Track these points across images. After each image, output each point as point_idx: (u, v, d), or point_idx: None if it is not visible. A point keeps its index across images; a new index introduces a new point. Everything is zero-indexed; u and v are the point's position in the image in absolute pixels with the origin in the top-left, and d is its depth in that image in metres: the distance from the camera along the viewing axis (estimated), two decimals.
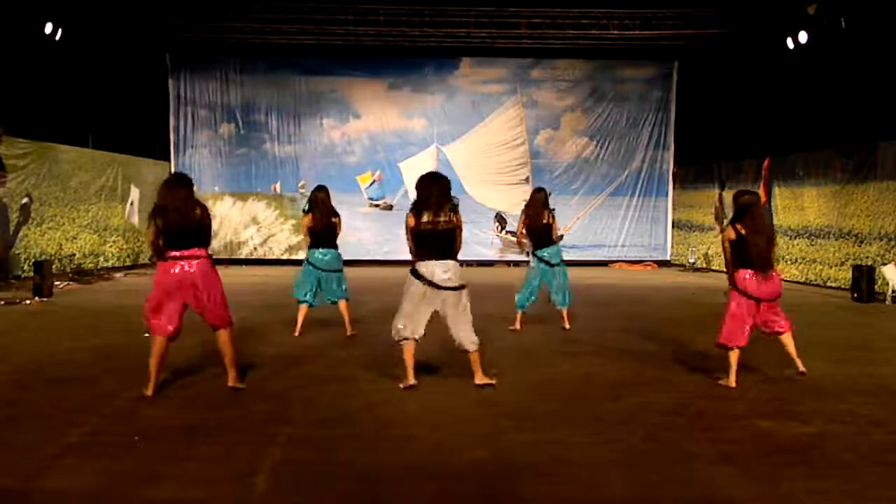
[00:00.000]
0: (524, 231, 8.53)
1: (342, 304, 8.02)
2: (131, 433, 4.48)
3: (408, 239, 5.68)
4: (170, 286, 5.31)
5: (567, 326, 8.53)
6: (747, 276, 5.87)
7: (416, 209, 5.60)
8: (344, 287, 8.03)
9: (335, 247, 7.93)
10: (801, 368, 6.06)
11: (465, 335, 5.65)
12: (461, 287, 5.62)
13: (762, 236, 5.91)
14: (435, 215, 5.52)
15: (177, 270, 5.29)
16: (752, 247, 5.85)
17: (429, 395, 5.47)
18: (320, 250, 7.83)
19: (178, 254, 5.30)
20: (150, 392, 5.31)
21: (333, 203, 7.92)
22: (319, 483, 3.80)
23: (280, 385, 5.76)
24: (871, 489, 3.77)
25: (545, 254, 8.45)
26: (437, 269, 5.52)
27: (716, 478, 3.90)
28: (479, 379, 5.71)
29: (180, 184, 5.46)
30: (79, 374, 6.05)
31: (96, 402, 5.18)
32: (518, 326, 8.43)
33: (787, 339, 6.11)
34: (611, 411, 5.13)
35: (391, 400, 5.35)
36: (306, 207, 7.98)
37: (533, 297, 8.56)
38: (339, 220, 7.95)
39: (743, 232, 5.87)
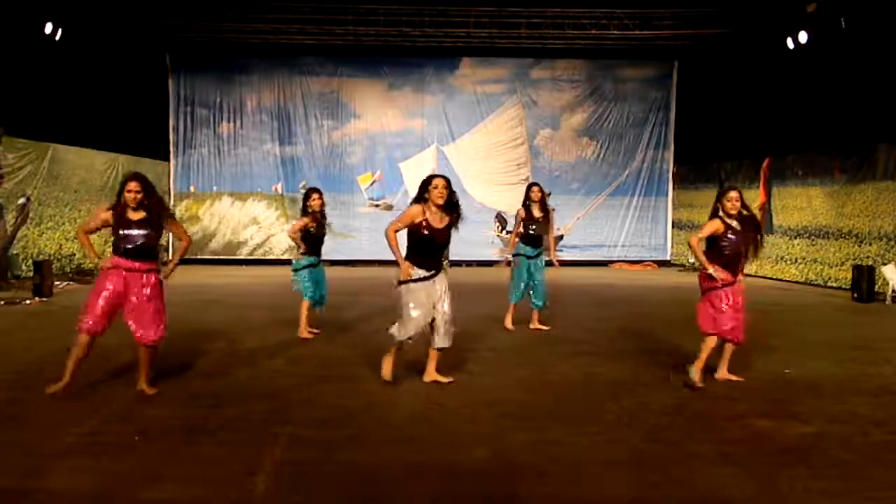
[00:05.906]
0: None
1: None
2: (131, 433, 4.48)
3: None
4: None
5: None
6: None
7: None
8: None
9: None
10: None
11: None
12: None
13: None
14: None
15: None
16: None
17: (429, 395, 5.47)
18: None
19: None
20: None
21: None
22: (319, 483, 3.80)
23: (280, 385, 5.76)
24: (871, 489, 3.78)
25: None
26: None
27: (716, 478, 3.90)
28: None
29: None
30: (79, 374, 6.03)
31: (96, 402, 5.18)
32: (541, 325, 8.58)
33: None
34: (611, 411, 5.13)
35: (392, 400, 5.35)
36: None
37: None
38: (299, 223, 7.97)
39: None
